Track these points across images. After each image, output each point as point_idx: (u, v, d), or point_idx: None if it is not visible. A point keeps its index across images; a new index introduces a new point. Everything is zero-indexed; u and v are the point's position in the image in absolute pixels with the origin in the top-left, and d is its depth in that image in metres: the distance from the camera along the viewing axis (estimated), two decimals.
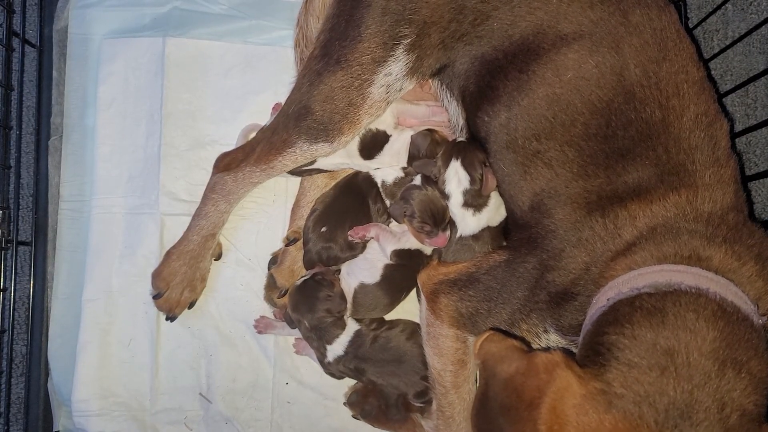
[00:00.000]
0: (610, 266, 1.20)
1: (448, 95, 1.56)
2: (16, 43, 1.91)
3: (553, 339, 1.27)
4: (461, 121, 1.57)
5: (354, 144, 1.66)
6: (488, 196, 1.53)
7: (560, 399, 0.96)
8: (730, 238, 1.16)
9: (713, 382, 0.96)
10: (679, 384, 0.96)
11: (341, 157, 1.68)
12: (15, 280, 1.88)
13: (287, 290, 1.73)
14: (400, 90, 1.53)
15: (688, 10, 1.95)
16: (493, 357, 1.11)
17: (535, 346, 1.31)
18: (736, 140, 1.87)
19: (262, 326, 1.79)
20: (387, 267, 1.66)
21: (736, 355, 0.99)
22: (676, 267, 1.12)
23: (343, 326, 1.65)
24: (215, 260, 1.81)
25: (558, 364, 0.99)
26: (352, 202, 1.72)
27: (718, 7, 1.81)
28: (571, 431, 0.93)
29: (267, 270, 1.82)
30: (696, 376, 0.97)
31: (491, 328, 1.35)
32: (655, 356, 1.00)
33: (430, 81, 1.59)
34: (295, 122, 1.55)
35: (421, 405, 1.66)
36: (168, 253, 1.73)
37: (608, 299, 1.14)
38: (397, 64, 1.48)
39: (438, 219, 1.56)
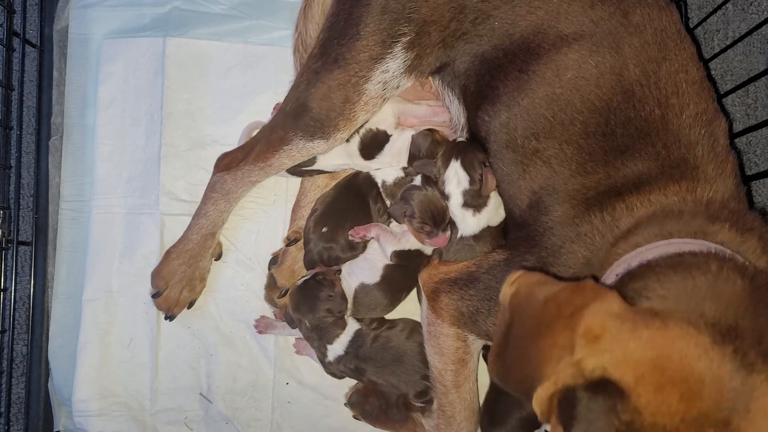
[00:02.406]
0: (612, 252, 1.19)
1: (450, 94, 1.56)
2: (16, 43, 1.91)
3: None
4: (463, 120, 1.57)
5: (354, 144, 1.66)
6: (488, 196, 1.53)
7: (604, 309, 0.91)
8: (732, 219, 1.16)
9: (751, 320, 0.93)
10: (719, 311, 0.93)
11: (342, 158, 1.68)
12: (15, 280, 1.88)
13: (287, 290, 1.73)
14: (397, 87, 1.53)
15: (689, 10, 1.95)
16: (529, 285, 1.06)
17: None
18: (737, 140, 1.87)
19: (262, 326, 1.79)
20: (387, 267, 1.66)
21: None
22: (684, 240, 1.11)
23: (343, 326, 1.65)
24: (215, 260, 1.81)
25: (609, 290, 0.95)
26: (352, 202, 1.72)
27: (719, 7, 1.81)
28: (608, 338, 0.88)
29: (267, 270, 1.82)
30: (732, 311, 0.94)
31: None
32: (691, 297, 0.97)
33: (431, 80, 1.59)
34: (293, 120, 1.55)
35: (422, 404, 1.66)
36: (167, 252, 1.73)
37: (617, 275, 1.12)
38: (395, 62, 1.48)
39: (438, 219, 1.56)
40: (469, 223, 1.54)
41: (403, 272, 1.66)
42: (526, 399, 0.96)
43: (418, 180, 1.62)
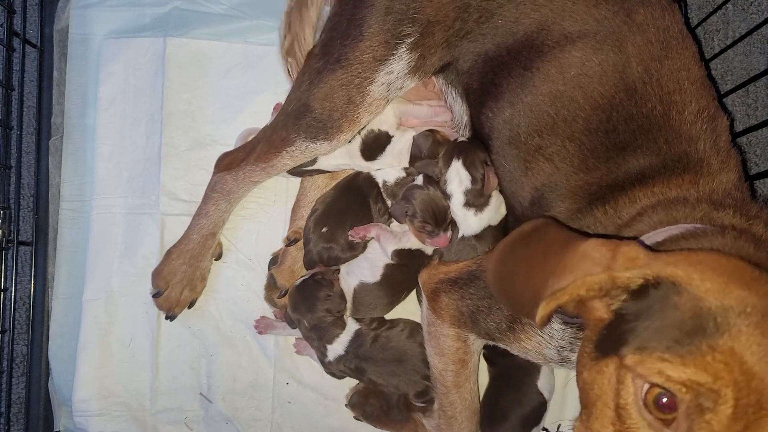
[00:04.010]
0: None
1: (453, 92, 1.56)
2: (16, 43, 1.90)
3: (556, 328, 1.26)
4: (465, 119, 1.57)
5: (356, 145, 1.66)
6: (489, 196, 1.53)
7: (640, 246, 0.89)
8: (736, 206, 1.16)
9: None
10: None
11: (343, 158, 1.68)
12: (15, 280, 1.87)
13: (287, 290, 1.72)
14: (400, 88, 1.53)
15: (689, 10, 1.96)
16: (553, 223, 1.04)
17: (537, 338, 1.30)
18: (737, 140, 1.88)
19: (262, 326, 1.79)
20: (387, 266, 1.66)
21: None
22: (692, 225, 1.10)
23: (343, 326, 1.64)
24: (216, 260, 1.81)
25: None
26: (352, 203, 1.72)
27: (719, 7, 1.81)
28: (646, 258, 0.86)
29: (267, 270, 1.81)
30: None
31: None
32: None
33: (434, 79, 1.59)
34: (295, 120, 1.55)
35: (423, 404, 1.66)
36: (168, 252, 1.73)
37: None
38: (399, 63, 1.48)
39: (439, 219, 1.56)
40: (470, 223, 1.54)
41: (403, 272, 1.65)
42: (527, 304, 0.93)
43: (420, 180, 1.62)
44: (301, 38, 1.74)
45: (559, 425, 1.74)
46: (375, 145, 1.66)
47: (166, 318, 1.77)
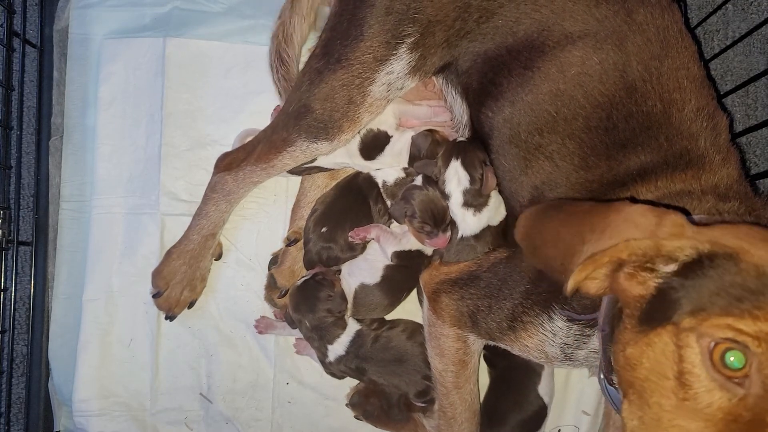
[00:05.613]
0: None
1: (453, 92, 1.56)
2: (16, 43, 1.91)
3: (560, 326, 1.26)
4: (465, 118, 1.57)
5: (355, 144, 1.65)
6: (488, 196, 1.53)
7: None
8: (741, 200, 1.16)
9: None
10: None
11: (342, 157, 1.67)
12: (15, 281, 1.87)
13: (287, 290, 1.73)
14: (401, 88, 1.53)
15: (689, 10, 1.96)
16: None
17: (539, 336, 1.30)
18: (737, 140, 1.88)
19: (262, 326, 1.79)
20: (387, 268, 1.66)
21: None
22: (702, 215, 1.10)
23: (343, 326, 1.65)
24: (216, 260, 1.81)
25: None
26: (352, 203, 1.72)
27: (719, 7, 1.81)
28: (691, 230, 0.86)
29: (267, 270, 1.81)
30: None
31: None
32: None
33: (434, 79, 1.59)
34: (295, 121, 1.55)
35: (423, 404, 1.66)
36: (168, 252, 1.73)
37: None
38: (400, 63, 1.48)
39: (438, 219, 1.56)
40: (469, 222, 1.54)
41: (403, 273, 1.66)
42: (558, 269, 0.92)
43: (419, 180, 1.62)
44: (287, 24, 1.75)
45: (559, 430, 1.75)
46: (374, 145, 1.66)
47: (166, 318, 1.77)
